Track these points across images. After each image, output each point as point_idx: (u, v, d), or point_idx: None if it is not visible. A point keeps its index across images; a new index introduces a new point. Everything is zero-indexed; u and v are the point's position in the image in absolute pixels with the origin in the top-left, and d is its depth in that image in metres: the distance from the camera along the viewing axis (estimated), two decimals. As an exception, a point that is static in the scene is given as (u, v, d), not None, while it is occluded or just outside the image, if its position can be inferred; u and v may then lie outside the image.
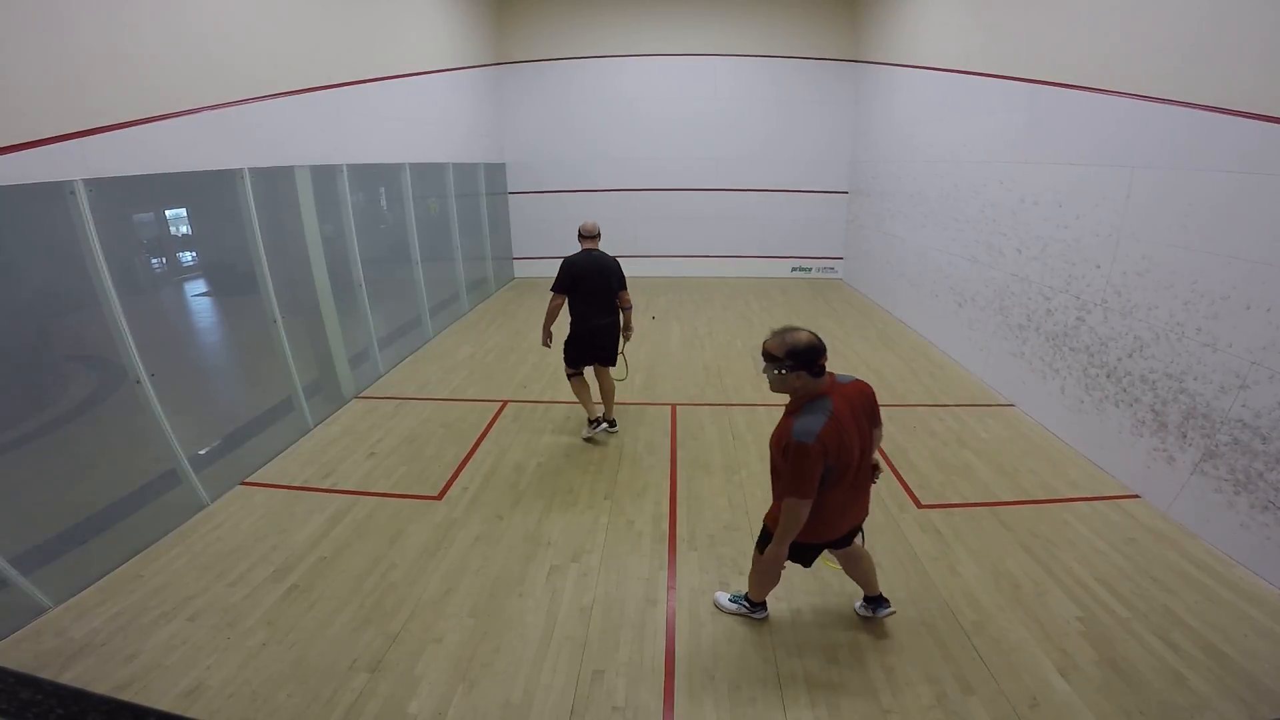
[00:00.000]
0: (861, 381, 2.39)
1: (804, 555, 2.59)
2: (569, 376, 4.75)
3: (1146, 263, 3.94)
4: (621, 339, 4.73)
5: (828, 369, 2.27)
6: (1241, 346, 3.28)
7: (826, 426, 2.18)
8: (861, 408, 2.34)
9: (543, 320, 4.63)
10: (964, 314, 6.40)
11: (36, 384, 3.12)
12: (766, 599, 2.93)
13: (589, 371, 4.79)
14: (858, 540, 2.71)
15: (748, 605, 2.94)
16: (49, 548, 3.03)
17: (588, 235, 4.56)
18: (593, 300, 4.50)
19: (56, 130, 3.04)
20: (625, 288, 4.60)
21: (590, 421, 4.78)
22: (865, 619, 2.93)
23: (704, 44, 10.16)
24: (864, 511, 2.57)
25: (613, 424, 4.89)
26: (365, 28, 6.12)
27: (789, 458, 2.19)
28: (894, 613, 2.90)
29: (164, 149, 3.69)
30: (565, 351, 4.68)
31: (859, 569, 2.82)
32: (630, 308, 4.66)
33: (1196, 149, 3.55)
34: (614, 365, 4.76)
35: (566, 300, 4.51)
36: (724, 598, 3.02)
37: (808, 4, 9.93)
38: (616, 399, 4.88)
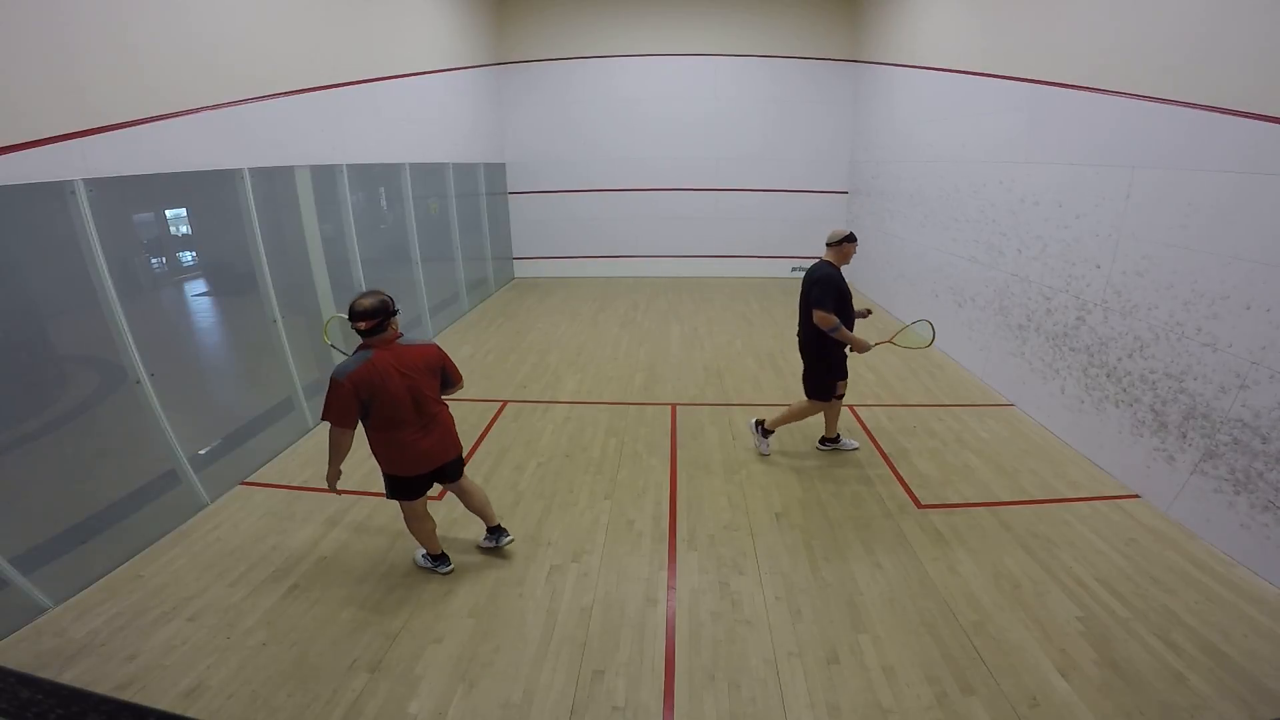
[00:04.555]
0: (431, 347, 2.97)
1: (408, 489, 3.02)
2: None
3: (1146, 263, 3.94)
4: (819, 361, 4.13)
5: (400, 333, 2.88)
6: (1241, 346, 3.28)
7: (358, 370, 2.69)
8: (418, 366, 2.87)
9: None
10: (964, 314, 6.39)
11: (36, 384, 3.12)
12: (443, 550, 3.31)
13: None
14: (465, 480, 3.27)
15: (430, 562, 3.30)
16: (49, 548, 3.03)
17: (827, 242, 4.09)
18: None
19: (56, 130, 3.04)
20: (819, 305, 3.86)
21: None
22: (488, 549, 3.41)
23: (704, 44, 10.17)
24: (447, 450, 3.06)
25: (764, 429, 4.46)
26: (365, 28, 6.12)
27: (328, 389, 2.71)
28: (513, 540, 3.42)
29: (164, 149, 3.70)
30: None
31: (473, 502, 3.32)
32: (829, 329, 3.88)
33: (1196, 149, 3.55)
34: (813, 398, 4.22)
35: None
36: (419, 554, 3.36)
37: (808, 4, 9.94)
38: (620, 399, 4.76)
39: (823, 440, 4.61)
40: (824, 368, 4.13)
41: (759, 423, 4.54)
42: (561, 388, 5.95)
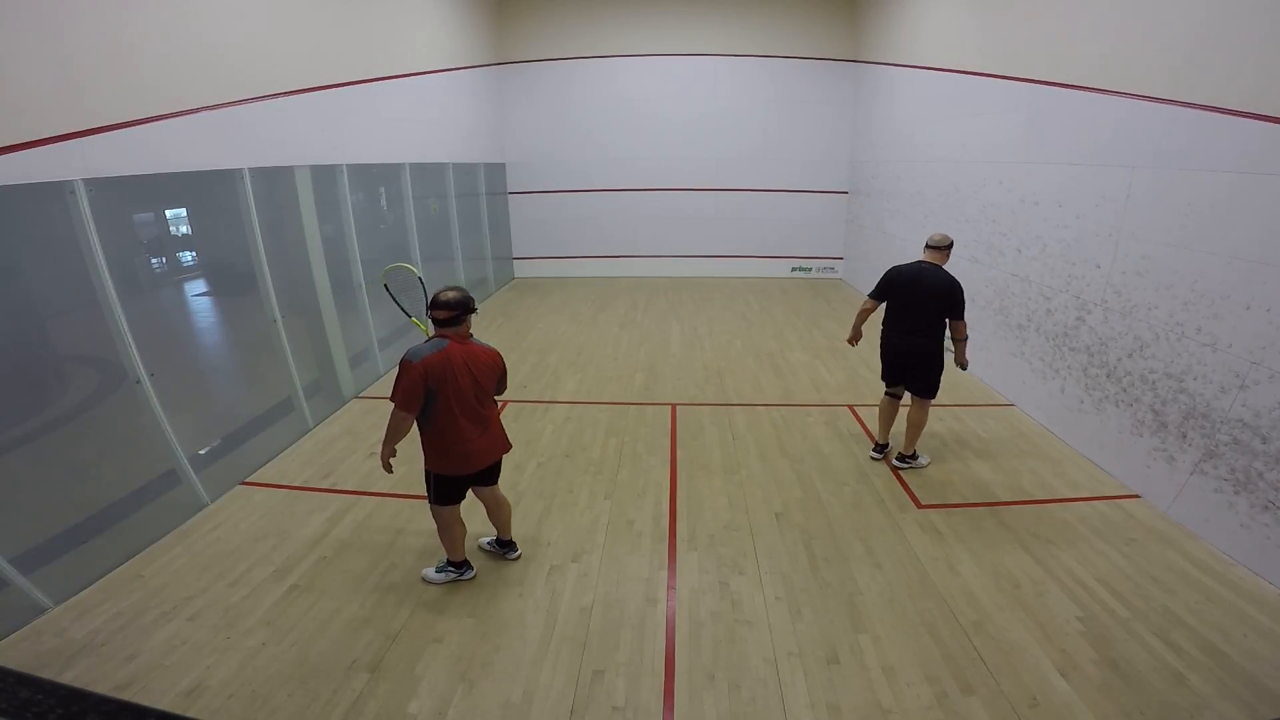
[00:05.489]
0: (496, 352, 3.00)
1: (451, 491, 3.00)
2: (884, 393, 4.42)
3: (1146, 263, 3.94)
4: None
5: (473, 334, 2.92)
6: (1241, 346, 3.28)
7: (433, 356, 2.70)
8: (485, 366, 2.90)
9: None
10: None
11: (36, 384, 3.12)
12: (467, 556, 3.25)
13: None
14: (499, 490, 3.23)
15: (454, 569, 3.21)
16: (49, 548, 3.03)
17: (929, 245, 4.13)
18: (903, 314, 4.17)
19: (56, 130, 3.04)
20: (963, 314, 4.01)
21: (877, 445, 4.45)
22: (490, 552, 3.43)
23: (704, 44, 10.17)
24: (496, 449, 3.05)
25: (905, 458, 4.33)
26: (365, 28, 6.12)
27: (398, 371, 2.71)
28: (519, 556, 3.39)
29: (164, 149, 3.69)
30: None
31: (500, 515, 3.30)
32: (963, 339, 4.08)
33: (1196, 149, 3.55)
34: (931, 397, 4.23)
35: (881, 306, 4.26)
36: (430, 571, 3.25)
37: (808, 4, 9.94)
38: (620, 399, 4.73)
39: (888, 451, 4.45)
40: (941, 365, 4.19)
41: (904, 457, 4.34)
42: (561, 388, 5.95)
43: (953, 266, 4.19)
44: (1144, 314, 3.97)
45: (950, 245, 4.14)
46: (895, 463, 4.35)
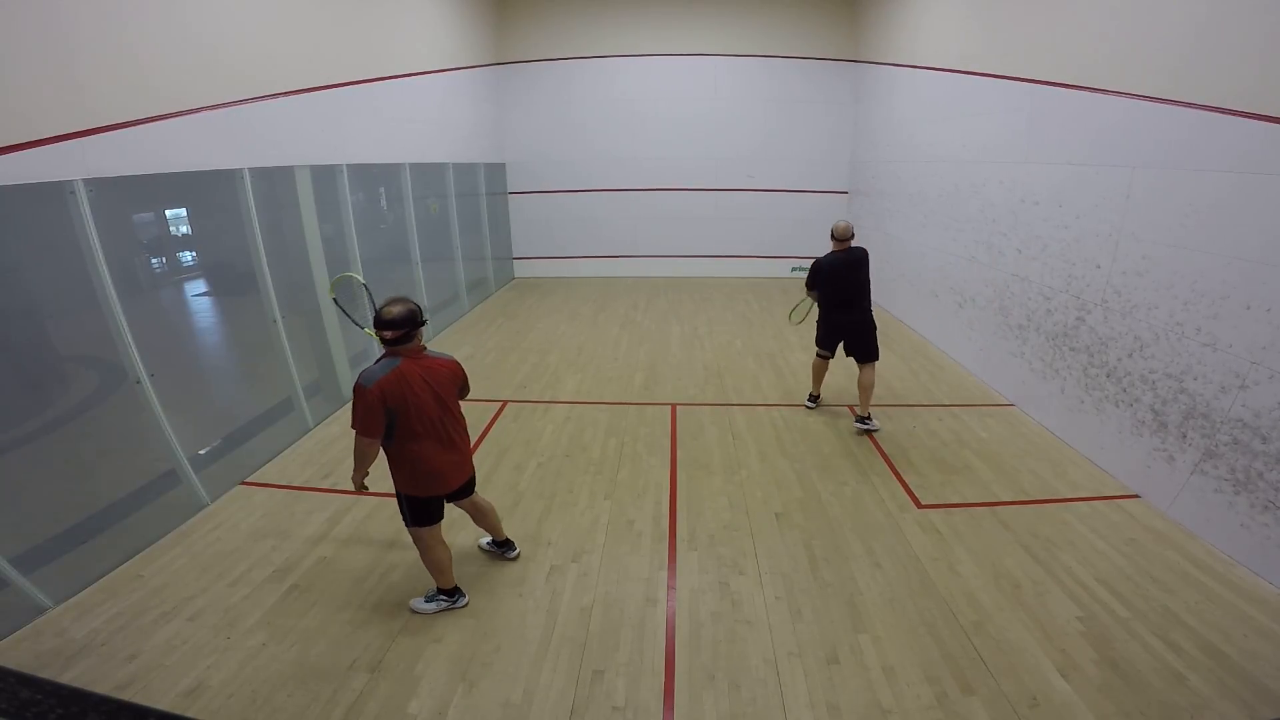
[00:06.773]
0: (453, 361, 2.86)
1: (428, 511, 2.88)
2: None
3: (1146, 263, 3.94)
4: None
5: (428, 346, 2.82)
6: (1241, 346, 3.28)
7: (387, 378, 2.58)
8: (444, 378, 2.78)
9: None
10: (964, 314, 6.39)
11: (36, 384, 3.12)
12: (457, 584, 3.10)
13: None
14: (477, 496, 3.20)
15: (446, 598, 3.05)
16: (49, 548, 3.04)
17: (841, 239, 4.76)
18: (848, 297, 4.86)
19: (56, 130, 3.04)
20: None
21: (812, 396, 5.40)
22: (489, 553, 3.44)
23: (704, 44, 10.17)
24: (466, 469, 3.00)
25: (864, 419, 4.85)
26: (365, 28, 6.12)
27: (354, 397, 2.62)
28: (518, 555, 3.41)
29: (164, 149, 3.70)
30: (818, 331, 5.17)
31: (487, 520, 3.28)
32: None
33: (1196, 149, 3.55)
34: (875, 359, 4.85)
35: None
36: (420, 601, 3.06)
37: (808, 4, 9.93)
38: (620, 399, 4.80)
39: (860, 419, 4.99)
40: (875, 329, 4.88)
41: (864, 419, 4.85)
42: (561, 388, 5.95)
43: (953, 265, 4.24)
44: (1144, 314, 3.97)
45: (853, 235, 4.80)
46: (856, 425, 4.87)
